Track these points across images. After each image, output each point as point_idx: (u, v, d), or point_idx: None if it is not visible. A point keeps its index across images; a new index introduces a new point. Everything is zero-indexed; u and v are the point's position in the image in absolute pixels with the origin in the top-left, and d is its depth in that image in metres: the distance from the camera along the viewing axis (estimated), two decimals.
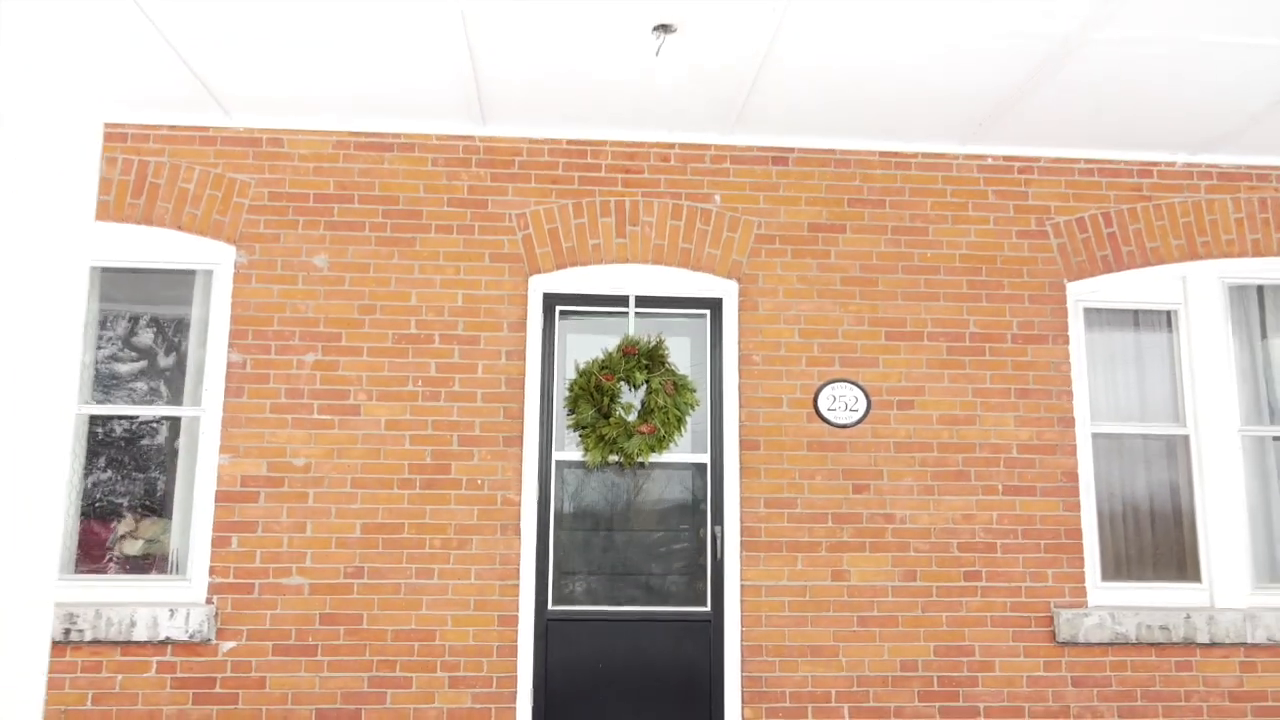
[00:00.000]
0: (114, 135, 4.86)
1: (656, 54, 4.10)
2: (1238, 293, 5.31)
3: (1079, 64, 4.23)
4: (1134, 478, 5.14)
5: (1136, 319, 5.29)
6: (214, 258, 4.90)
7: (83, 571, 4.74)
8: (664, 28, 3.97)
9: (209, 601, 4.60)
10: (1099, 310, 5.25)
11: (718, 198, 5.10)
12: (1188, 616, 4.81)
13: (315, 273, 4.87)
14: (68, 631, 4.44)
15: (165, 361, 4.94)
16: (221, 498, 4.67)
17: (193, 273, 4.94)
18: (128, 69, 4.35)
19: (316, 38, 4.11)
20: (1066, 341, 5.10)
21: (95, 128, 2.29)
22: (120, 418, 4.88)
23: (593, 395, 4.82)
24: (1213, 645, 4.82)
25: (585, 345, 5.09)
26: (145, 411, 4.89)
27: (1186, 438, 5.13)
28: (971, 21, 3.87)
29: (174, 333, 4.96)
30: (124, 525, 4.88)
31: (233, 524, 4.66)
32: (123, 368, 4.92)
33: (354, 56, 4.28)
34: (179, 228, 4.88)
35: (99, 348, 4.90)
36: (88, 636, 4.48)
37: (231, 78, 4.49)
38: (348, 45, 4.18)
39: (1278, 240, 5.21)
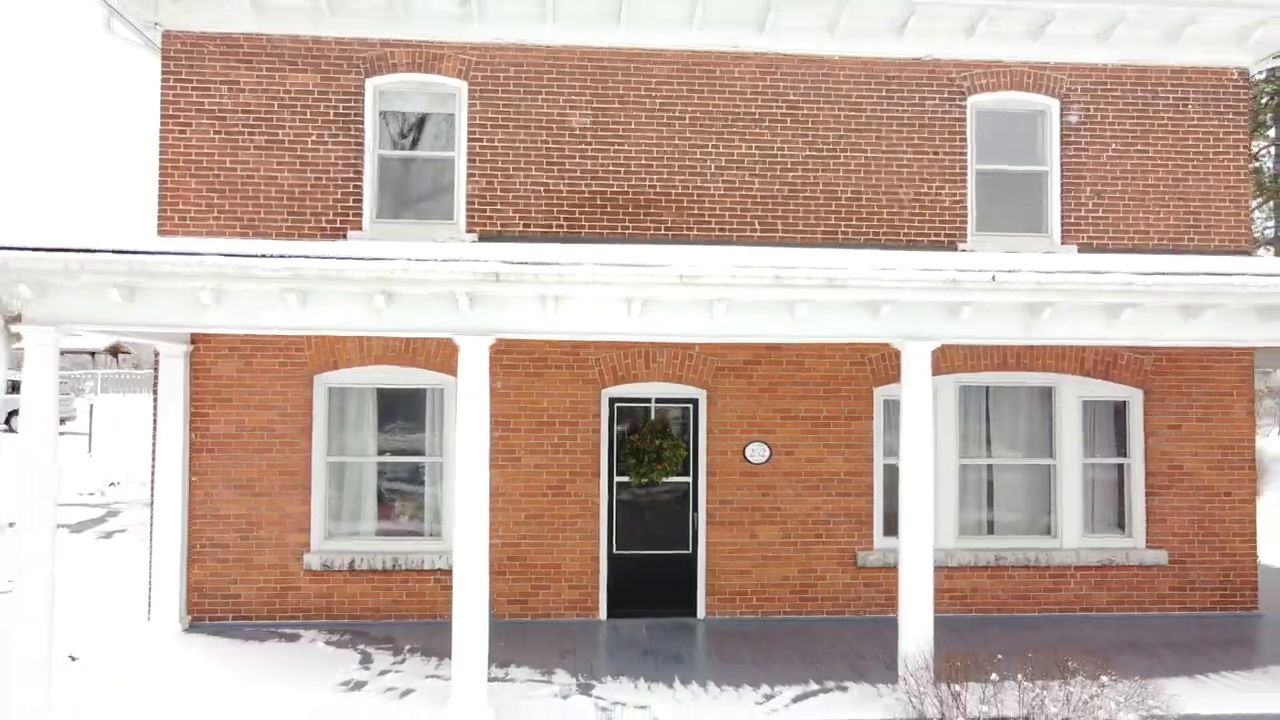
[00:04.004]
0: None
1: None
2: (964, 389, 10.31)
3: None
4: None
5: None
6: (443, 384, 9.83)
7: (385, 534, 9.91)
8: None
9: None
10: (890, 400, 10.23)
11: (697, 346, 9.99)
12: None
13: (498, 392, 9.80)
14: (395, 564, 9.62)
15: (430, 429, 9.96)
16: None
17: (435, 390, 9.90)
18: None
19: None
20: (872, 419, 10.12)
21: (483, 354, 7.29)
22: (402, 463, 9.96)
23: (634, 451, 9.86)
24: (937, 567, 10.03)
25: (629, 419, 10.10)
26: (418, 460, 9.95)
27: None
28: None
29: (428, 419, 9.96)
30: (394, 509, 10.05)
31: None
32: (408, 439, 9.96)
33: None
34: (428, 367, 9.78)
35: (386, 432, 9.93)
36: (401, 567, 9.66)
37: None
38: None
39: (986, 363, 10.16)
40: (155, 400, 9.50)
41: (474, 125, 9.95)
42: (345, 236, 9.71)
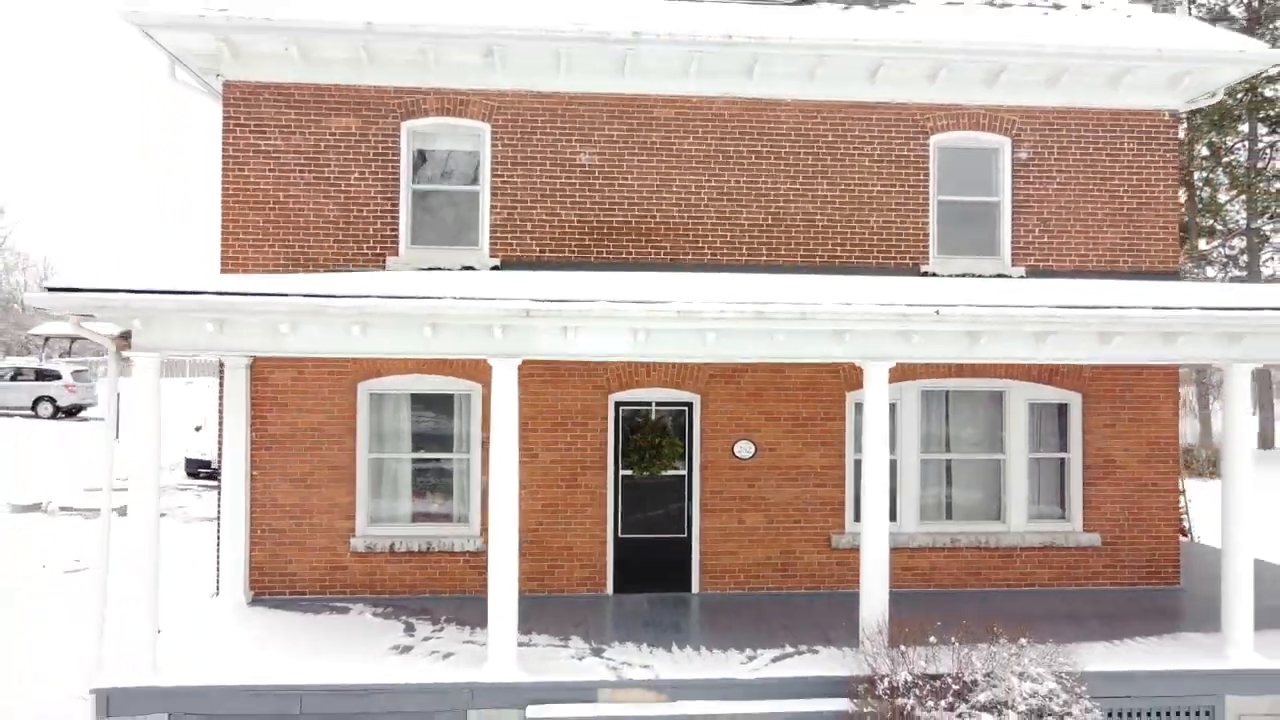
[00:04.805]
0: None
1: None
2: (925, 394, 11.78)
3: None
4: None
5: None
6: (471, 389, 11.27)
7: (420, 520, 11.38)
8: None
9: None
10: (861, 403, 11.66)
11: None
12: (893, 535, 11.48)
13: (519, 397, 11.21)
14: (429, 547, 11.09)
15: (458, 428, 11.41)
16: (485, 490, 11.20)
17: (463, 395, 11.34)
18: None
19: None
20: (844, 420, 11.58)
21: (513, 374, 8.76)
22: (434, 458, 11.40)
23: (637, 448, 11.33)
24: (896, 549, 11.51)
25: (633, 420, 11.55)
26: (448, 456, 11.40)
27: (896, 461, 11.66)
28: None
29: (457, 420, 11.41)
30: (427, 498, 11.51)
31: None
32: (439, 437, 11.41)
33: None
34: (457, 375, 11.22)
35: (416, 427, 11.38)
36: (435, 549, 11.13)
37: None
38: None
39: (945, 371, 11.62)
40: (220, 405, 10.93)
41: (496, 162, 11.32)
42: (384, 262, 11.10)
